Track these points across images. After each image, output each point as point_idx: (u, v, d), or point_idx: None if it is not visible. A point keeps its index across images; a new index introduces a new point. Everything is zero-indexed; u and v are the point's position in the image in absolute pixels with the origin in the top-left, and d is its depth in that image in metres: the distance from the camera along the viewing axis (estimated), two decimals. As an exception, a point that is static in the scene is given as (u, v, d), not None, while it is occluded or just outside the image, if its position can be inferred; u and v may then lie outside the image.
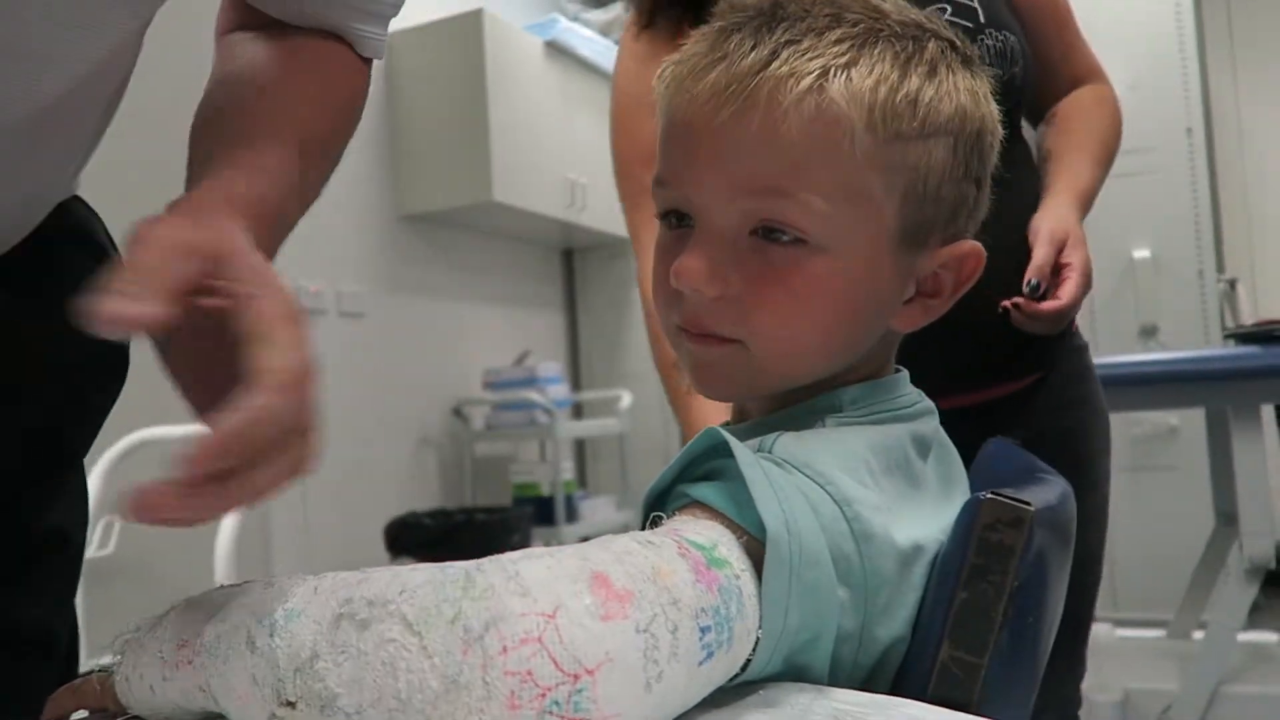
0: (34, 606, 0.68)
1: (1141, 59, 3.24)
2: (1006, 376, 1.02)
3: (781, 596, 0.42)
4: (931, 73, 0.53)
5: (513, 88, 3.39)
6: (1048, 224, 0.96)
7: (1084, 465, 1.02)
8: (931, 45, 0.54)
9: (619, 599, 0.35)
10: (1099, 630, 2.49)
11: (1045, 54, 1.07)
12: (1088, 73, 1.14)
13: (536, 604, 0.34)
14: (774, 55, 0.52)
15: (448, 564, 0.37)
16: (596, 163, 3.42)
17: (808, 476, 0.47)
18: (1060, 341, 1.04)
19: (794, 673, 0.45)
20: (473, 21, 3.28)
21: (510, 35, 3.43)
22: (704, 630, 0.38)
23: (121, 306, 0.37)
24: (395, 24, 0.69)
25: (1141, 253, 3.24)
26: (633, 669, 0.35)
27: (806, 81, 0.51)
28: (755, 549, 0.43)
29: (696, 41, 0.56)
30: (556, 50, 3.64)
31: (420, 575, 0.36)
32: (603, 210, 3.64)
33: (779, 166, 0.52)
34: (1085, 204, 1.02)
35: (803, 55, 0.51)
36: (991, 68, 0.59)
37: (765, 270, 0.53)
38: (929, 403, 0.59)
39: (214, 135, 0.57)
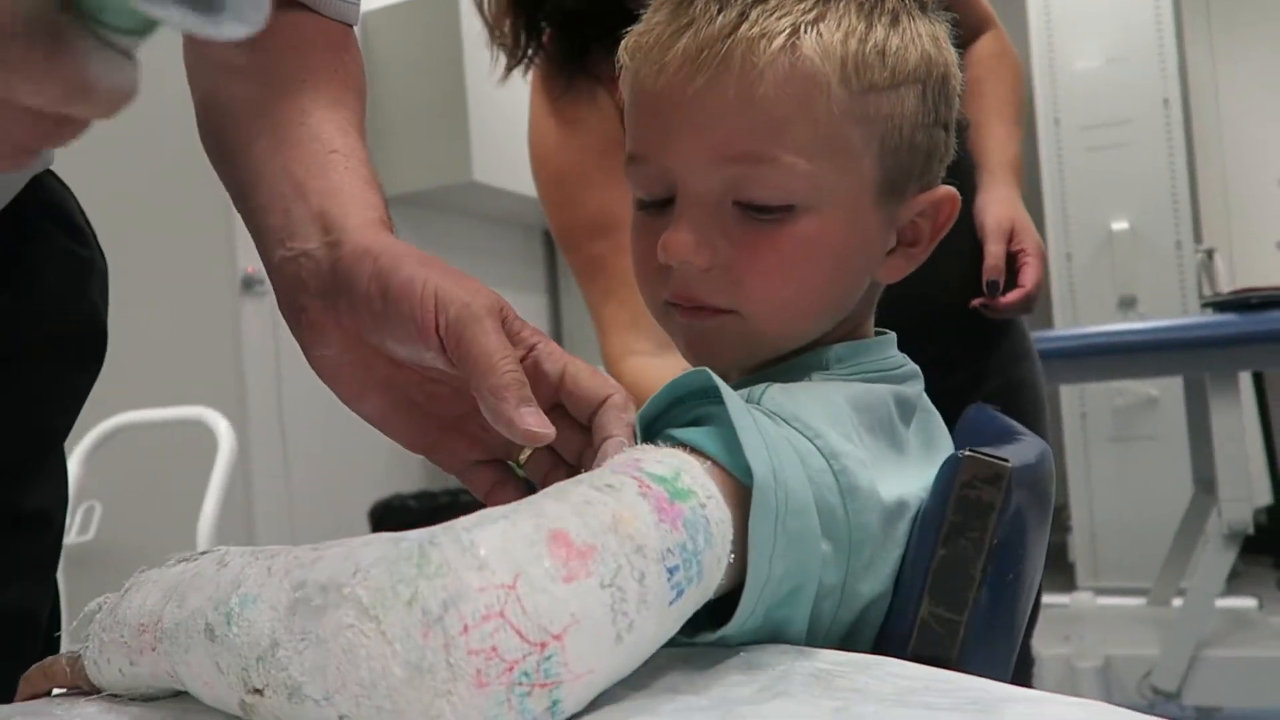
0: (15, 585, 0.68)
1: (1119, 31, 3.23)
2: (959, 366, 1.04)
3: (766, 543, 0.42)
4: (894, 21, 0.53)
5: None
6: (992, 217, 0.99)
7: (1028, 415, 1.05)
8: None
9: (580, 556, 0.34)
10: (1080, 598, 2.52)
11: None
12: (983, 20, 1.14)
13: (495, 575, 0.33)
14: (742, 17, 0.51)
15: (401, 535, 0.35)
16: (576, 141, 3.39)
17: (796, 429, 0.46)
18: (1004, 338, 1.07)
19: (772, 627, 0.45)
20: (449, -2, 3.24)
21: (487, 13, 3.39)
22: (671, 570, 0.37)
23: (544, 428, 0.45)
24: (372, 2, 0.67)
25: (1120, 224, 3.25)
26: (601, 625, 0.34)
27: (779, 40, 0.50)
28: (741, 495, 0.42)
29: (656, 10, 0.55)
30: (535, 27, 3.61)
31: (373, 551, 0.34)
32: (583, 189, 3.62)
33: (759, 129, 0.51)
34: (1019, 175, 1.06)
35: (771, 14, 0.51)
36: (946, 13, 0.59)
37: (753, 236, 0.52)
38: (914, 366, 0.59)
39: (309, 149, 0.58)
